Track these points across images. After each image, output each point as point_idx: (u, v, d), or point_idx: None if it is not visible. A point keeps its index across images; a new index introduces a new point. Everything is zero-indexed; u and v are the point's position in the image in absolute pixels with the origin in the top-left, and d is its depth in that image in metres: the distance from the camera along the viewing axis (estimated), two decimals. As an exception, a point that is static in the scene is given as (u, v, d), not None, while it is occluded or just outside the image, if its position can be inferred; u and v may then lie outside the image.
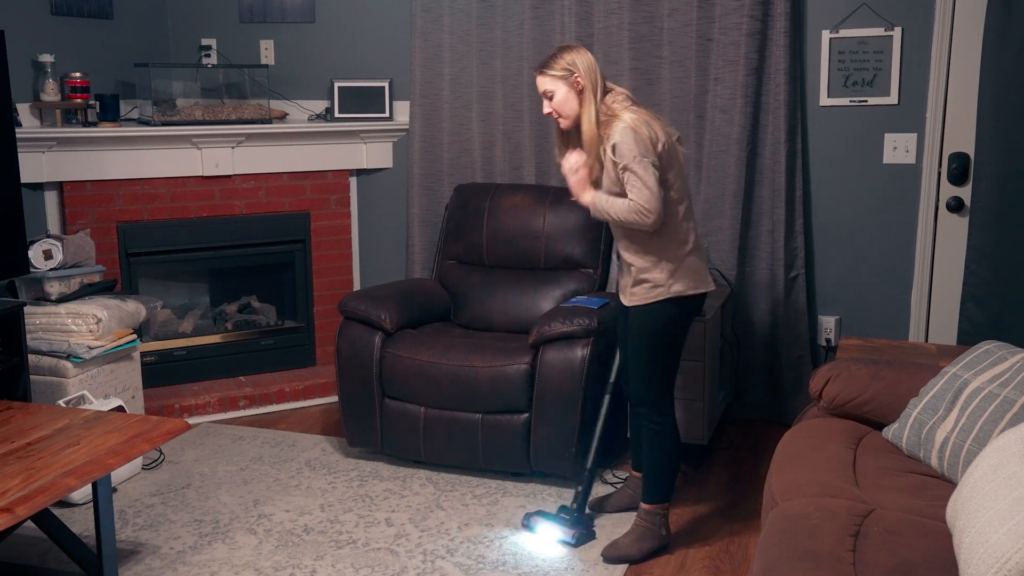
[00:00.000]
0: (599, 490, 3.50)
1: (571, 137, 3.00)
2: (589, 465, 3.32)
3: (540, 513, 3.29)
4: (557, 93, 2.93)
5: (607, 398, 3.36)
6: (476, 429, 3.62)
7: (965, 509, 1.92)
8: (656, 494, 3.11)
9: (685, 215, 2.95)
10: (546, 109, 2.97)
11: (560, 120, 2.97)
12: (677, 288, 2.92)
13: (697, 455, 3.85)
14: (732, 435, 4.16)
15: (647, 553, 3.09)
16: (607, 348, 3.48)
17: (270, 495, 3.59)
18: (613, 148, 2.84)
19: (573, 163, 2.96)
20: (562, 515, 3.25)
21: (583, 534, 3.19)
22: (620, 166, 2.82)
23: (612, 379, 3.36)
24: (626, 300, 3.03)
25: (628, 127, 2.81)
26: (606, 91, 2.93)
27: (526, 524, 3.28)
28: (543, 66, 2.96)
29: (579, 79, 2.89)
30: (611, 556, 3.08)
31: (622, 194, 2.87)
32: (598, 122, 2.88)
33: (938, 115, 3.97)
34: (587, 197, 2.96)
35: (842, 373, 2.91)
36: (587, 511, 3.32)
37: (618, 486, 3.56)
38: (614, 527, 3.27)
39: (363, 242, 4.95)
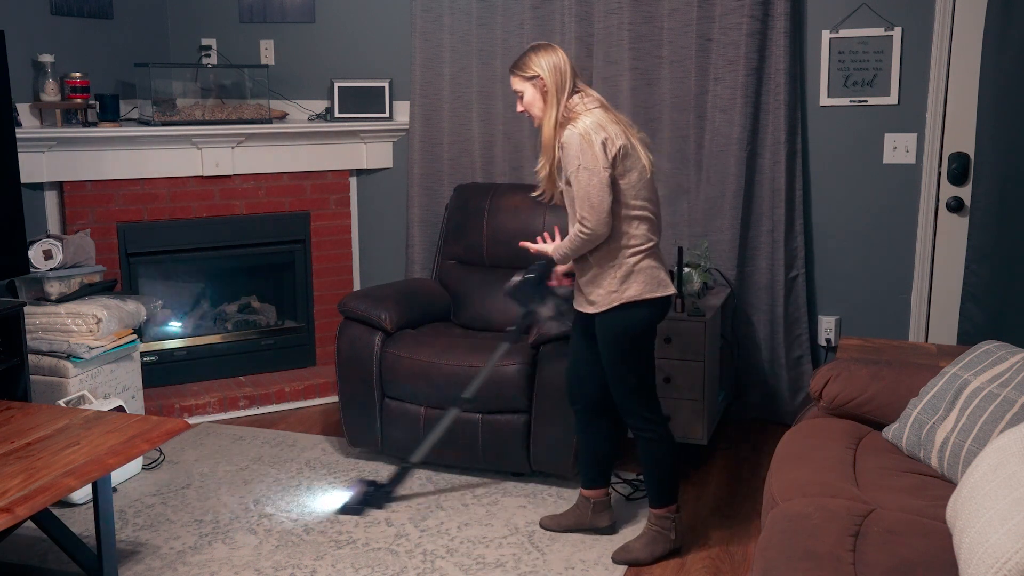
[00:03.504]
0: (552, 508, 3.44)
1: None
2: (413, 459, 3.51)
3: (365, 480, 3.56)
4: (526, 93, 2.96)
5: (454, 411, 3.47)
6: (476, 429, 3.62)
7: (965, 509, 1.92)
8: (662, 498, 3.11)
9: (643, 219, 2.91)
10: (518, 108, 3.02)
11: (534, 120, 3.00)
12: (631, 292, 2.90)
13: (697, 455, 3.85)
14: (732, 435, 4.16)
15: (657, 557, 3.09)
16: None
17: (270, 495, 3.59)
18: (562, 151, 2.86)
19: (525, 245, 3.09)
20: (371, 487, 3.50)
21: (353, 507, 3.42)
22: (567, 172, 2.84)
23: (469, 395, 3.45)
24: (585, 308, 2.99)
25: (577, 134, 2.81)
26: (575, 92, 2.92)
27: (350, 487, 3.56)
28: (513, 66, 2.99)
29: (543, 81, 2.90)
30: (621, 560, 3.08)
31: (573, 199, 2.89)
32: (557, 124, 2.89)
33: (938, 115, 3.97)
34: (549, 251, 3.03)
35: (842, 373, 2.91)
36: (391, 495, 3.50)
37: (636, 490, 3.56)
38: (629, 530, 3.27)
39: (363, 242, 4.95)
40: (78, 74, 4.19)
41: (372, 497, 3.46)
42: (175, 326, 4.76)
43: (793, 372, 4.25)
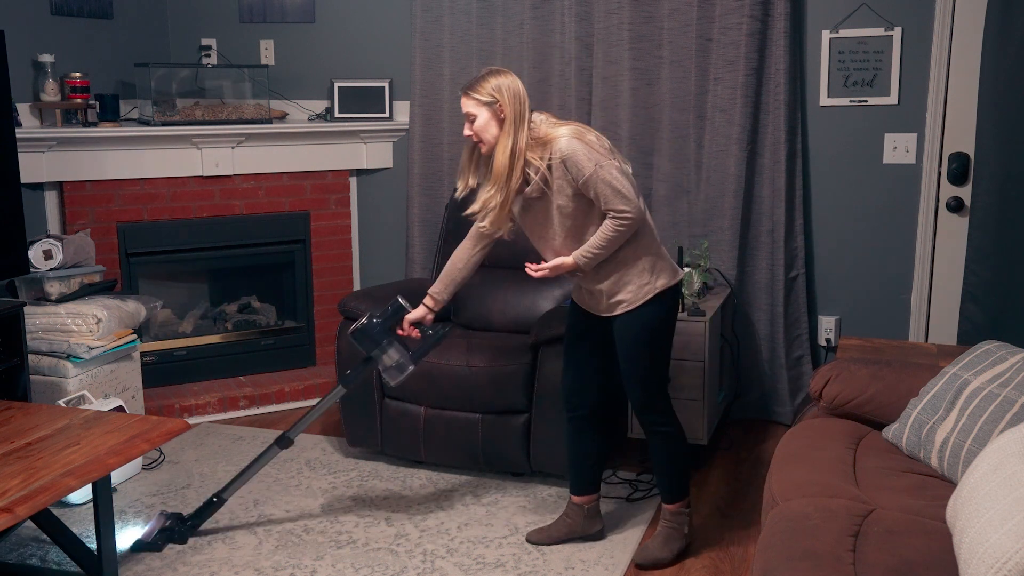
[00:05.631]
0: (552, 508, 3.43)
1: (484, 161, 2.93)
2: (224, 495, 3.28)
3: (168, 514, 3.28)
4: (479, 117, 2.84)
5: (276, 449, 3.27)
6: (476, 429, 3.62)
7: (965, 509, 1.92)
8: (676, 493, 3.11)
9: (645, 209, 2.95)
10: (466, 131, 2.90)
11: (480, 145, 2.90)
12: (662, 282, 2.90)
13: (697, 455, 3.85)
14: (732, 435, 4.16)
15: (676, 553, 3.09)
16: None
17: (270, 495, 3.59)
18: (564, 165, 2.79)
19: (536, 270, 2.95)
20: (175, 521, 3.24)
21: (150, 543, 3.15)
22: (581, 180, 2.78)
23: (292, 435, 3.28)
24: (607, 312, 2.95)
25: (572, 138, 2.78)
26: (531, 115, 2.85)
27: (152, 520, 3.28)
28: (468, 87, 2.87)
29: (502, 108, 2.82)
30: (644, 561, 3.07)
31: (578, 208, 2.83)
32: (515, 152, 2.80)
33: (938, 115, 3.97)
34: (570, 261, 2.89)
35: (842, 373, 2.90)
36: (195, 529, 3.26)
37: (641, 491, 3.56)
38: (632, 523, 3.27)
39: (363, 242, 4.95)
40: (78, 74, 4.19)
41: (174, 532, 3.21)
42: (177, 324, 4.77)
43: (793, 372, 4.25)
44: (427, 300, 3.16)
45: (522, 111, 2.82)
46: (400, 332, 3.15)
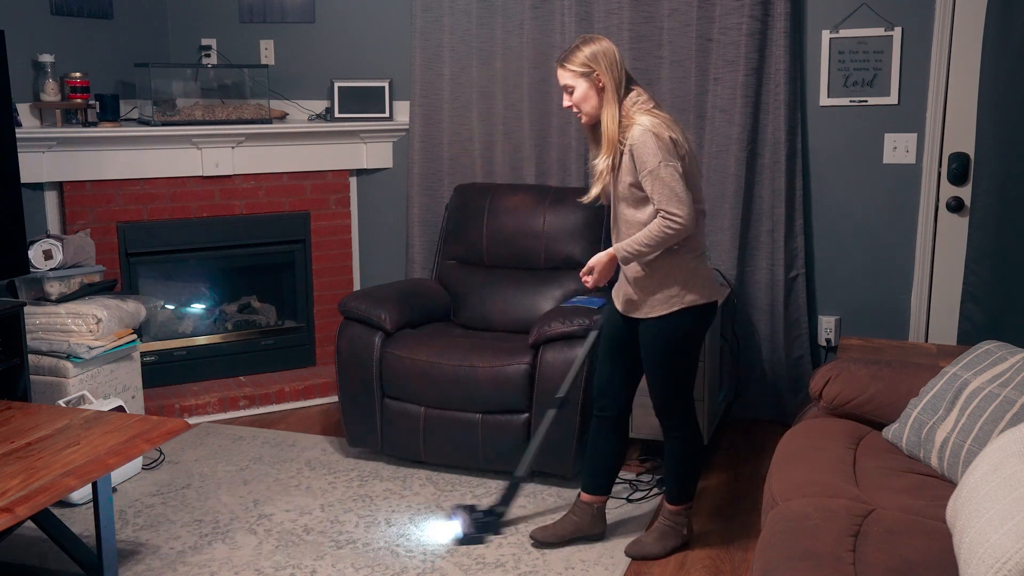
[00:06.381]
0: (552, 508, 3.44)
1: (591, 132, 2.91)
2: (520, 473, 3.29)
3: (464, 507, 3.31)
4: (577, 89, 2.81)
5: (552, 412, 3.25)
6: (476, 429, 3.62)
7: (965, 509, 1.92)
8: (681, 496, 3.12)
9: (702, 224, 2.92)
10: (566, 103, 2.87)
11: (580, 116, 2.88)
12: (691, 298, 2.86)
13: (697, 455, 3.85)
14: (732, 435, 4.16)
15: (670, 551, 3.10)
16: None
17: (270, 495, 3.59)
18: (631, 152, 2.76)
19: (587, 277, 2.95)
20: (479, 512, 3.27)
21: (472, 536, 3.20)
22: (643, 172, 2.74)
23: (562, 394, 3.27)
24: (634, 313, 2.95)
25: (648, 130, 2.73)
26: (629, 88, 2.83)
27: (452, 516, 3.30)
28: (563, 59, 2.84)
29: (600, 77, 2.79)
30: (636, 554, 3.09)
31: (639, 199, 2.81)
32: (621, 119, 2.79)
33: (938, 115, 3.97)
34: (610, 253, 2.88)
35: (842, 373, 2.91)
36: (504, 517, 3.29)
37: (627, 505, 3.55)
38: (632, 523, 3.28)
39: (363, 242, 4.95)
40: (78, 74, 4.19)
41: (485, 524, 3.25)
42: (177, 324, 4.76)
43: (793, 372, 4.25)
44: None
45: (621, 78, 2.80)
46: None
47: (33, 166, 4.05)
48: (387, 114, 4.77)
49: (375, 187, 4.88)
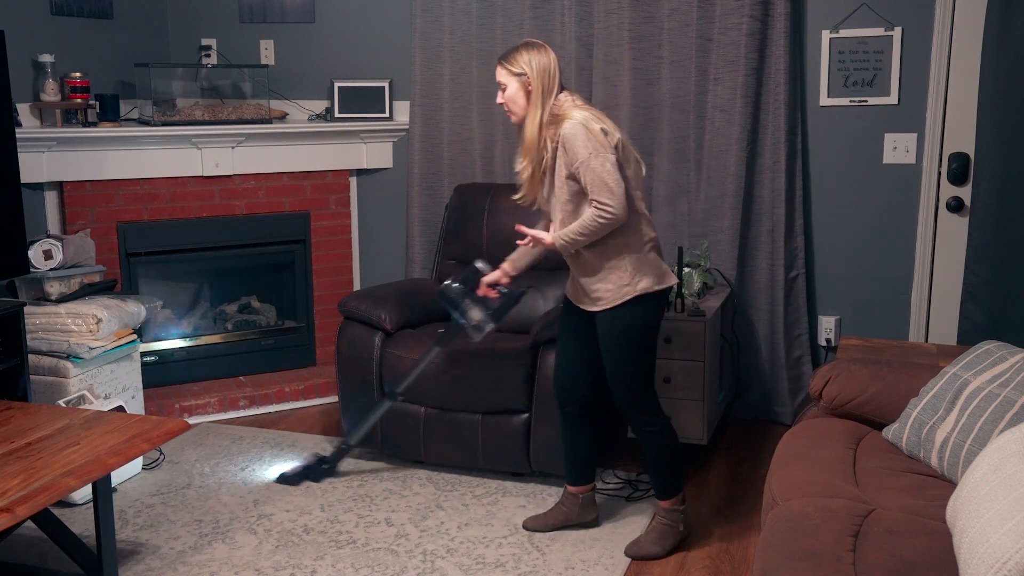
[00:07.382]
0: (535, 508, 3.42)
1: (517, 133, 3.02)
2: (351, 441, 3.68)
3: (315, 455, 3.78)
4: (509, 87, 2.94)
5: (387, 403, 3.61)
6: (476, 429, 3.62)
7: (965, 509, 1.92)
8: (668, 490, 3.13)
9: (644, 212, 2.96)
10: (498, 99, 3.00)
11: (510, 115, 3.00)
12: (643, 284, 2.91)
13: (697, 455, 3.85)
14: (732, 435, 4.16)
15: (669, 550, 3.11)
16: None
17: (270, 495, 3.59)
18: (563, 146, 2.84)
19: (523, 232, 3.04)
20: (315, 460, 3.72)
21: (290, 476, 3.65)
22: (575, 164, 2.82)
23: (400, 390, 3.58)
24: (588, 306, 2.99)
25: (578, 123, 2.82)
26: (560, 93, 2.93)
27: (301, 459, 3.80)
28: (504, 57, 2.97)
29: (530, 81, 2.90)
30: (636, 554, 3.10)
31: (576, 192, 2.86)
32: (542, 125, 2.89)
33: (938, 115, 3.97)
34: (548, 240, 2.97)
35: (842, 373, 2.90)
36: (331, 470, 3.70)
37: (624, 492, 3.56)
38: (632, 523, 3.27)
39: (363, 242, 4.95)
40: (78, 74, 4.19)
41: (313, 471, 3.65)
42: (177, 324, 4.76)
43: (793, 372, 4.25)
44: (505, 264, 3.27)
45: (550, 86, 2.90)
46: (479, 293, 3.27)
47: (33, 166, 4.05)
48: (387, 114, 4.77)
49: (375, 187, 4.88)
